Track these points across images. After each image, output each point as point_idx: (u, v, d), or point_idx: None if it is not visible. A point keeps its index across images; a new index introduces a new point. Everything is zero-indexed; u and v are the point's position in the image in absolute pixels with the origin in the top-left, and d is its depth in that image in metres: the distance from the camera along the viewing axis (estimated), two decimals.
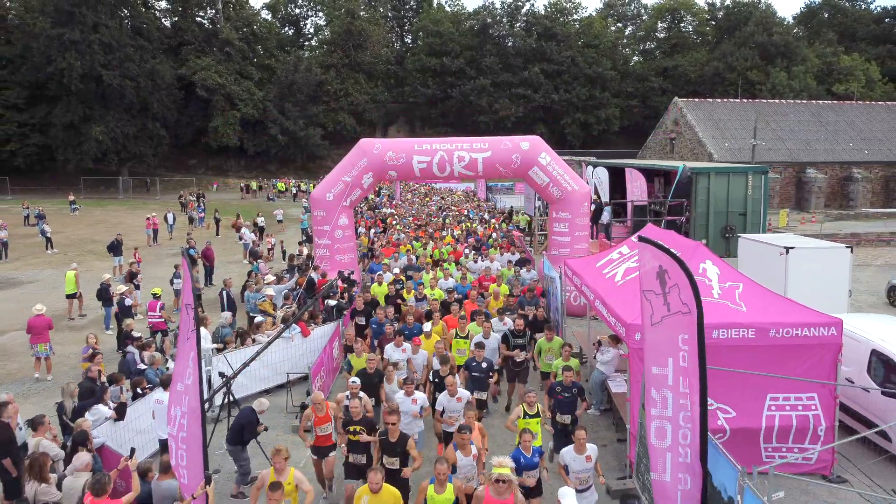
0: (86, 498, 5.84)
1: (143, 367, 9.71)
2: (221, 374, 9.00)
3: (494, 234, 22.74)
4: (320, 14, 75.75)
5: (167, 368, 9.50)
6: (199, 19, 64.17)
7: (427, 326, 10.68)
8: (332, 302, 13.14)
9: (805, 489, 8.11)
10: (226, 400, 8.97)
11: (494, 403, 11.01)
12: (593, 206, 20.30)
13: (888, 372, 8.95)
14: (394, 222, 27.74)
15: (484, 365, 9.21)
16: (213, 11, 64.55)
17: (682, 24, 76.91)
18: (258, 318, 12.94)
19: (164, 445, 7.58)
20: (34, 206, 36.59)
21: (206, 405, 6.94)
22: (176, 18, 63.34)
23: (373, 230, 25.71)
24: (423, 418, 8.33)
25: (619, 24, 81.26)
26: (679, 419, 5.58)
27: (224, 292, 13.84)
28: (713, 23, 75.73)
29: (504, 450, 8.22)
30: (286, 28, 75.59)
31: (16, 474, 7.44)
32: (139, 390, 8.89)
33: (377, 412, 8.61)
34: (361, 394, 8.08)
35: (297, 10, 76.11)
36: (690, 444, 5.49)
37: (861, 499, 7.55)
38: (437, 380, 9.15)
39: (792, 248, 13.56)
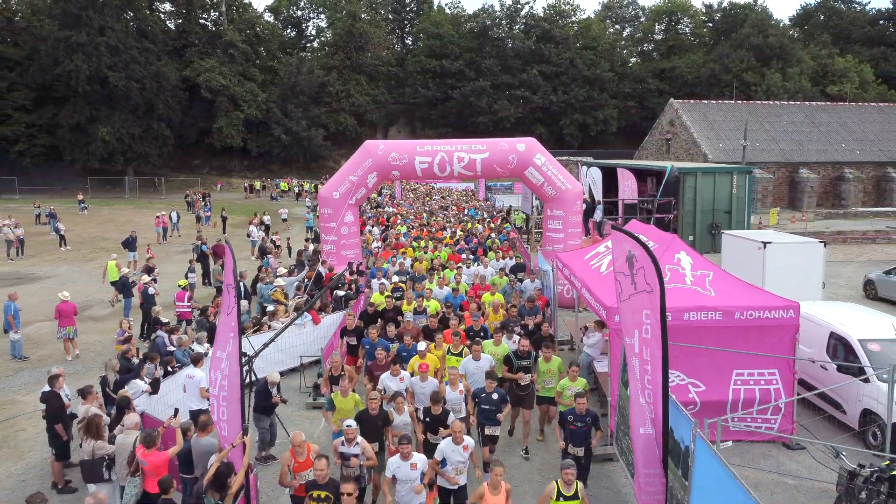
0: (137, 450, 6.82)
1: (171, 348, 10.70)
2: (244, 354, 9.94)
3: (493, 236, 22.57)
4: (322, 16, 76.77)
5: (192, 350, 10.45)
6: (202, 21, 65.18)
7: (422, 346, 9.50)
8: (341, 293, 14.11)
9: (766, 454, 9.07)
10: (248, 378, 9.92)
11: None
12: (584, 206, 21.16)
13: (846, 352, 9.92)
14: (397, 221, 28.54)
15: (495, 396, 8.15)
16: (217, 14, 65.60)
17: (679, 27, 77.94)
18: (269, 308, 13.94)
19: (194, 416, 8.53)
20: (45, 205, 37.62)
21: None
22: (180, 21, 64.37)
23: (375, 228, 26.64)
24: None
25: (617, 27, 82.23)
26: (644, 381, 6.55)
27: (240, 283, 14.81)
28: (710, 25, 76.78)
29: None
30: (288, 30, 76.55)
31: (66, 438, 8.43)
32: (169, 368, 9.88)
33: (381, 459, 7.48)
34: (360, 439, 7.10)
35: (300, 13, 77.07)
36: (653, 403, 6.45)
37: (812, 459, 8.50)
38: (427, 419, 7.79)
39: (769, 243, 14.54)
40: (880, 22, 72.94)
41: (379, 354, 9.33)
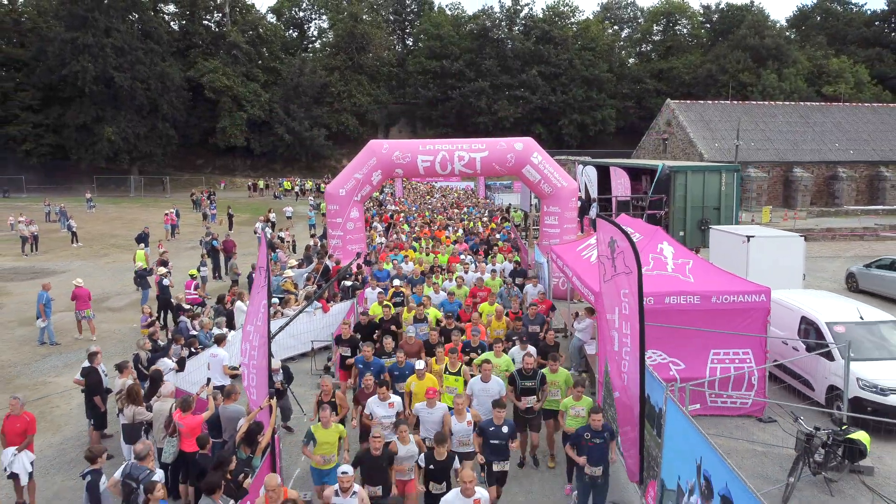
0: (175, 413, 7.67)
1: (194, 332, 11.57)
2: None
3: (497, 235, 22.44)
4: (324, 17, 77.68)
5: (214, 333, 11.31)
6: (206, 23, 66.10)
7: (420, 364, 8.53)
8: (348, 283, 14.97)
9: (740, 426, 9.93)
10: None
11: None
12: (579, 203, 21.98)
13: (816, 334, 10.76)
14: (399, 219, 29.30)
15: (505, 429, 7.38)
16: (220, 15, 66.50)
17: (676, 28, 78.76)
18: (274, 299, 14.81)
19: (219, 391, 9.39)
20: (54, 203, 38.52)
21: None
22: (184, 22, 65.27)
23: (379, 224, 27.47)
24: None
25: (616, 28, 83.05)
26: (622, 353, 7.40)
27: (252, 275, 15.68)
28: (707, 26, 77.62)
29: None
30: (291, 31, 77.38)
31: (104, 409, 9.29)
32: (192, 349, 10.75)
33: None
34: (357, 488, 6.31)
35: (302, 14, 77.92)
36: (629, 372, 7.31)
37: (781, 430, 9.34)
38: (430, 465, 6.80)
39: (752, 236, 15.38)
40: (876, 23, 73.72)
41: (366, 381, 8.35)
